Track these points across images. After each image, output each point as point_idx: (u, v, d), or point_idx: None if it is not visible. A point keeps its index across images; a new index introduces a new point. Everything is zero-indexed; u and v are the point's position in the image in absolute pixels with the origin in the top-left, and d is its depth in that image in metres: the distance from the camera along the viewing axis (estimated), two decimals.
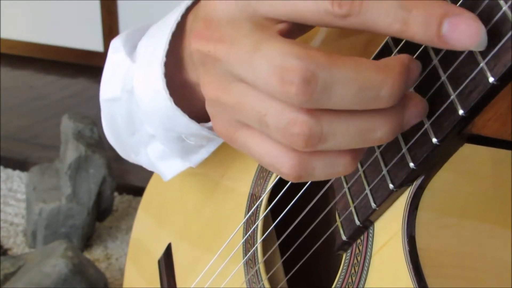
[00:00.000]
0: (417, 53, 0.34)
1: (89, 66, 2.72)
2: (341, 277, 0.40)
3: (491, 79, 0.29)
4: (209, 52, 0.32)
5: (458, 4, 0.31)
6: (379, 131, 0.31)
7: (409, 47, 0.34)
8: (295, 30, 0.32)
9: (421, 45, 0.34)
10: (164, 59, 0.43)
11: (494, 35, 0.29)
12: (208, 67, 0.33)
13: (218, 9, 0.32)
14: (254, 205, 0.51)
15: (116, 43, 0.51)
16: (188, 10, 0.43)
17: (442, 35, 0.28)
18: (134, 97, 0.48)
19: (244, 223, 0.51)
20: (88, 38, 2.75)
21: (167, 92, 0.43)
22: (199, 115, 0.43)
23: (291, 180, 0.32)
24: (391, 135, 0.31)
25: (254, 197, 0.51)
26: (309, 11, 0.29)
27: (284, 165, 0.32)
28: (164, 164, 0.55)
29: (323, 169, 0.32)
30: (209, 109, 0.35)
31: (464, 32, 0.28)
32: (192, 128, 0.45)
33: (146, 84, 0.46)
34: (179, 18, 0.43)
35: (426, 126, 0.33)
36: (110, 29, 2.68)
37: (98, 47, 2.74)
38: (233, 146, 0.34)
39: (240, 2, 0.31)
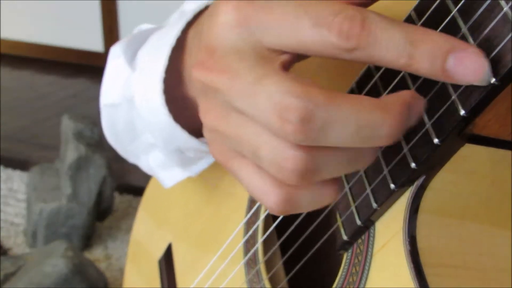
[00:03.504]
0: None
1: (89, 66, 2.72)
2: (342, 276, 0.40)
3: (492, 80, 0.29)
4: (210, 82, 0.32)
5: (459, 5, 0.31)
6: (367, 157, 0.31)
7: None
8: (298, 60, 0.32)
9: None
10: (163, 75, 0.43)
11: (495, 36, 0.29)
12: (208, 96, 0.33)
13: (220, 37, 0.31)
14: (254, 205, 0.51)
15: (116, 50, 0.51)
16: (189, 24, 0.43)
17: (446, 70, 0.29)
18: (135, 106, 0.48)
19: (244, 223, 0.51)
20: (88, 38, 2.75)
21: (166, 108, 0.43)
22: (198, 128, 0.43)
23: (276, 214, 0.33)
24: (376, 155, 0.32)
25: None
26: (315, 43, 0.29)
27: (270, 199, 0.32)
28: (164, 173, 0.55)
29: (309, 201, 0.32)
30: (207, 135, 0.35)
31: (469, 68, 0.28)
32: (191, 143, 0.45)
33: (146, 97, 0.45)
34: (179, 33, 0.43)
35: (427, 126, 0.33)
36: (110, 29, 2.68)
37: (98, 47, 2.74)
38: (227, 172, 0.35)
39: (244, 32, 0.31)
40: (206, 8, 0.42)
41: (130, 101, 0.49)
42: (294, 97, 0.28)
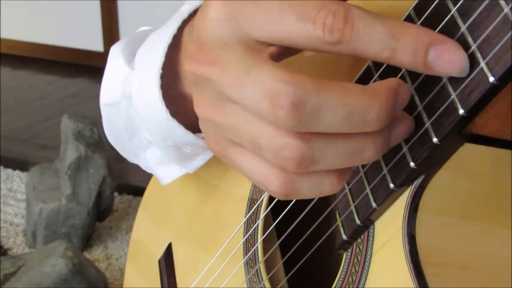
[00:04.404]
0: None
1: (89, 66, 2.72)
2: (342, 276, 0.40)
3: (491, 79, 0.29)
4: (201, 74, 0.33)
5: (459, 4, 0.31)
6: (367, 152, 0.32)
7: None
8: (286, 53, 0.33)
9: None
10: (160, 71, 0.44)
11: (494, 35, 0.29)
12: (201, 88, 0.34)
13: (210, 31, 0.32)
14: (254, 204, 0.51)
15: (115, 50, 0.52)
16: (185, 22, 0.44)
17: (428, 62, 0.30)
18: (133, 104, 0.49)
19: (244, 222, 0.51)
20: (88, 38, 2.75)
21: (163, 103, 0.44)
22: (196, 124, 0.44)
23: (278, 197, 0.34)
24: (378, 154, 0.32)
25: (255, 196, 0.51)
26: (300, 36, 0.30)
27: (273, 183, 0.33)
28: (162, 169, 0.56)
29: (310, 189, 0.33)
30: (202, 126, 0.36)
31: (449, 60, 0.30)
32: (188, 138, 0.46)
33: (143, 94, 0.47)
34: (175, 31, 0.44)
35: (426, 125, 0.33)
36: (110, 29, 2.68)
37: (98, 47, 2.74)
38: (224, 162, 0.35)
39: (232, 25, 0.32)
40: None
41: (129, 99, 0.50)
42: (284, 83, 0.29)
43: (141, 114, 0.48)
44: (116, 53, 0.52)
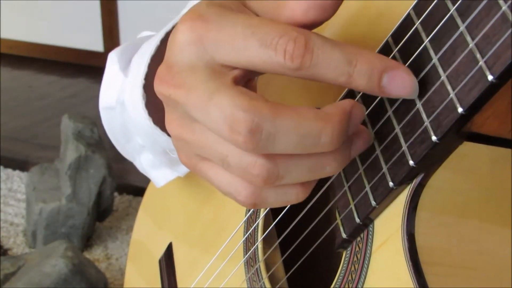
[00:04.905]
0: (416, 53, 0.34)
1: (89, 66, 2.72)
2: (341, 275, 0.40)
3: (490, 77, 0.29)
4: (169, 96, 0.34)
5: (458, 3, 0.32)
6: (328, 167, 0.34)
7: (408, 49, 0.34)
8: (250, 74, 0.35)
9: (419, 46, 0.34)
10: (143, 81, 0.48)
11: (493, 34, 0.29)
12: (170, 107, 0.35)
13: (178, 54, 0.34)
14: None
15: (112, 56, 0.55)
16: (168, 34, 0.47)
17: (382, 86, 0.32)
18: (126, 109, 0.52)
19: (244, 222, 0.51)
20: (88, 38, 2.75)
21: (146, 112, 0.48)
22: None
23: (246, 207, 0.36)
24: (339, 168, 0.34)
25: None
26: (262, 62, 0.32)
27: (241, 194, 0.35)
28: (155, 172, 0.59)
29: (276, 199, 0.35)
30: (174, 143, 0.37)
31: (401, 85, 0.32)
32: (171, 145, 0.48)
33: (133, 101, 0.49)
34: (158, 43, 0.47)
35: (426, 124, 0.33)
36: (110, 29, 2.68)
37: (98, 47, 2.74)
38: (195, 174, 0.37)
39: (198, 49, 0.33)
40: None
41: (122, 105, 0.52)
42: (243, 110, 0.31)
43: (133, 120, 0.51)
44: (113, 59, 0.55)
